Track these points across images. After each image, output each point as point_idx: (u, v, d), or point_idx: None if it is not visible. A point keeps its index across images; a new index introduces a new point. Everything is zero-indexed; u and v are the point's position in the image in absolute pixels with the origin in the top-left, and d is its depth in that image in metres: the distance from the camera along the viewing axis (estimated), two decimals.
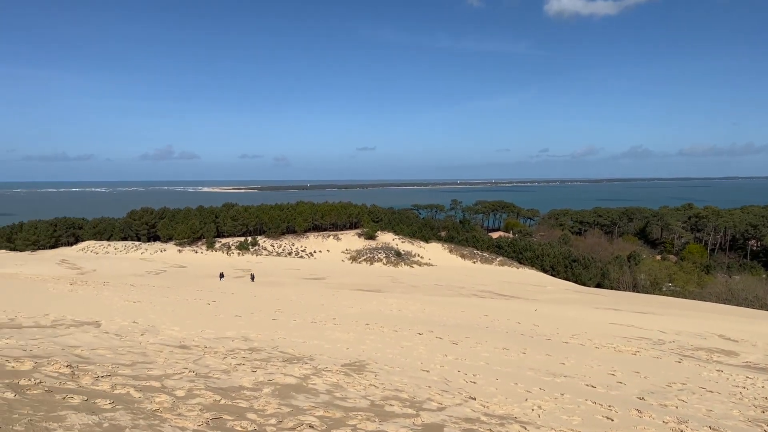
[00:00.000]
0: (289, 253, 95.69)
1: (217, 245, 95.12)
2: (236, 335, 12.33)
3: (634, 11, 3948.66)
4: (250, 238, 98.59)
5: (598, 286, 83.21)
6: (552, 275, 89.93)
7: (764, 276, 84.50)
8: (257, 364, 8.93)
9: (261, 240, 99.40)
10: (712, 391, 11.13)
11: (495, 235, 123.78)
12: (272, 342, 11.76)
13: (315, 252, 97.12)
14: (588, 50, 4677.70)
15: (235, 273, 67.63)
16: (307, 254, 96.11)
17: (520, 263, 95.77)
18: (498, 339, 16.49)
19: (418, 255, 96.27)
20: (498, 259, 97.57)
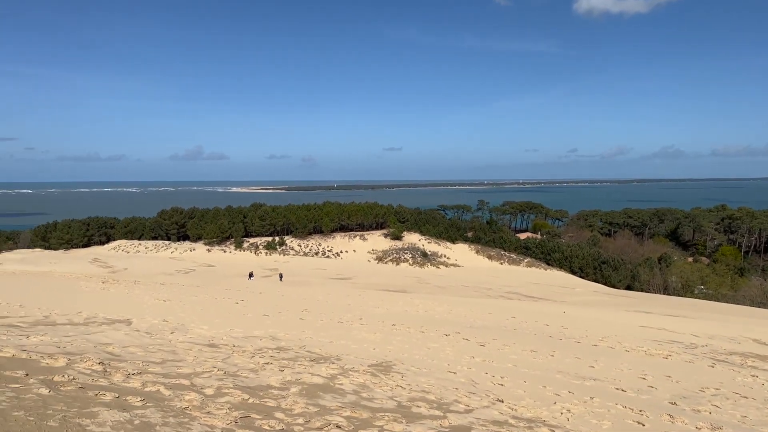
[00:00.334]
0: (316, 253, 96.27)
1: (245, 245, 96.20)
2: (264, 334, 12.44)
3: (665, 9, 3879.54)
4: (277, 238, 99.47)
5: (628, 288, 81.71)
6: (581, 277, 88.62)
7: None
8: (285, 363, 8.98)
9: (288, 240, 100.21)
10: (746, 397, 10.82)
11: (522, 236, 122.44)
12: (299, 341, 11.82)
13: (341, 252, 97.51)
14: (618, 49, 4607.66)
15: (263, 273, 68.31)
16: (334, 254, 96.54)
17: (548, 264, 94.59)
18: (526, 341, 16.30)
19: (445, 256, 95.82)
20: (525, 260, 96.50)
